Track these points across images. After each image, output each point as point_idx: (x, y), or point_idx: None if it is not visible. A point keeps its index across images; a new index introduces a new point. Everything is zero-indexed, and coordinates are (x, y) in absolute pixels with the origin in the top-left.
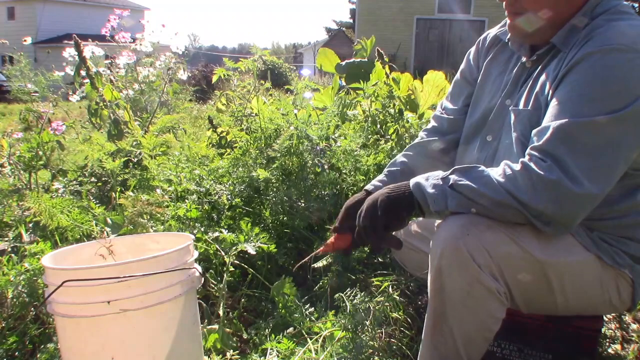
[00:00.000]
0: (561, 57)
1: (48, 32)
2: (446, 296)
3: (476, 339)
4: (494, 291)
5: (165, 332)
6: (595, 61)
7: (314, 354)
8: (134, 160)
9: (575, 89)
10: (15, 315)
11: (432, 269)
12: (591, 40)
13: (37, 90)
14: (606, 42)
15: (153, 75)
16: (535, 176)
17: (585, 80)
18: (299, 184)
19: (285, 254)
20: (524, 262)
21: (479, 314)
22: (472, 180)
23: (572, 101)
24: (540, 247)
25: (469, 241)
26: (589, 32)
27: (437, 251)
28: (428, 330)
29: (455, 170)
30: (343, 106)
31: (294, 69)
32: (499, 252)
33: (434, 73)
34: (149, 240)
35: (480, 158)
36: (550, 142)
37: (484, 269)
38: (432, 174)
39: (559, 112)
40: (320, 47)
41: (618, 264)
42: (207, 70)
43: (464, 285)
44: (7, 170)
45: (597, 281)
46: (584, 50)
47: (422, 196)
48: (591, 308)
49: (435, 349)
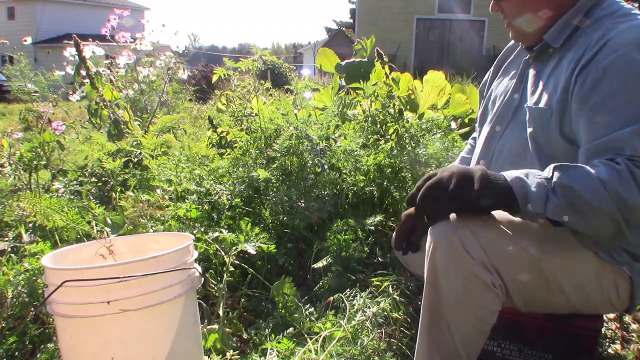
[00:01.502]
0: (571, 57)
1: (48, 32)
2: (441, 289)
3: (473, 333)
4: (489, 284)
5: (165, 332)
6: (626, 61)
7: (314, 354)
8: (134, 160)
9: (621, 92)
10: (15, 315)
11: (427, 262)
12: (610, 42)
13: (37, 90)
14: (626, 39)
15: (153, 75)
16: (638, 174)
17: (627, 83)
18: (299, 184)
19: (285, 254)
20: (519, 258)
21: (474, 307)
22: (574, 180)
23: (623, 110)
24: (536, 242)
25: (463, 235)
26: (602, 36)
27: (431, 245)
28: (424, 323)
29: (556, 167)
30: (343, 106)
31: (294, 69)
32: (494, 246)
33: (434, 73)
34: (149, 240)
35: (490, 147)
36: (634, 148)
37: (478, 263)
38: (531, 171)
39: (618, 122)
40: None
41: (616, 262)
42: (207, 70)
43: (459, 279)
44: (8, 170)
45: (595, 279)
46: (607, 54)
47: (523, 193)
48: (591, 307)
49: (432, 342)
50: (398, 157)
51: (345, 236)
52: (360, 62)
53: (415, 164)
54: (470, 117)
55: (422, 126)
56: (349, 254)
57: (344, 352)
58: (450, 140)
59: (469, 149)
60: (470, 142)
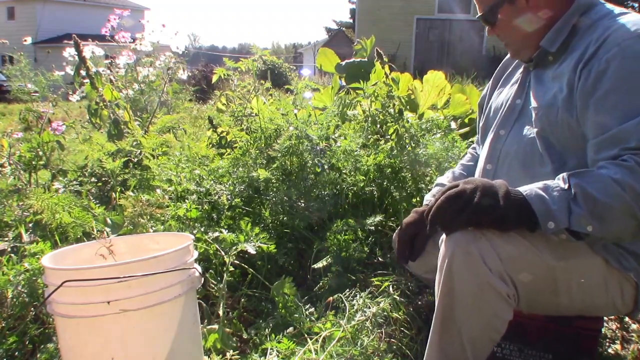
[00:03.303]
0: (572, 58)
1: (48, 32)
2: (456, 298)
3: (483, 341)
4: (504, 294)
5: (165, 332)
6: (629, 53)
7: (314, 354)
8: (134, 160)
9: (625, 84)
10: (15, 315)
11: (443, 270)
12: (611, 37)
13: (37, 90)
14: (627, 33)
15: (153, 75)
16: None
17: (631, 73)
18: (299, 184)
19: (285, 254)
20: (534, 266)
21: (487, 316)
22: (591, 185)
23: (628, 101)
24: (550, 250)
25: (480, 244)
26: (602, 33)
27: (448, 253)
28: (436, 330)
29: (571, 176)
30: (343, 106)
31: (294, 69)
32: (511, 256)
33: (434, 73)
34: (149, 241)
35: (495, 149)
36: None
37: (494, 273)
38: (547, 184)
39: (623, 114)
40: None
41: (623, 267)
42: (207, 70)
43: (474, 288)
44: (7, 170)
45: (602, 283)
46: (609, 48)
47: (545, 210)
48: (594, 309)
49: (442, 350)
50: (398, 157)
51: (345, 236)
52: (360, 62)
53: (415, 164)
54: (470, 117)
55: (422, 126)
56: (349, 254)
57: (344, 353)
58: (450, 141)
59: (470, 158)
60: (471, 152)
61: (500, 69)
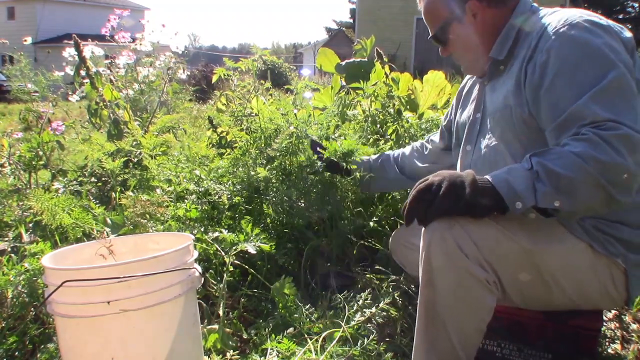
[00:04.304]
0: (518, 60)
1: (48, 32)
2: (437, 288)
3: (469, 330)
4: (483, 281)
5: (165, 332)
6: (565, 39)
7: (314, 354)
8: (133, 160)
9: (568, 67)
10: (15, 315)
11: (422, 262)
12: (547, 30)
13: (37, 90)
14: (559, 23)
15: (153, 75)
16: (607, 136)
17: (570, 55)
18: (299, 184)
19: (285, 254)
20: (513, 252)
21: (470, 304)
22: (553, 162)
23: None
24: (527, 235)
25: (454, 231)
26: (539, 30)
27: (425, 242)
28: (421, 323)
29: (532, 155)
30: (343, 106)
31: (294, 69)
32: (487, 242)
33: (434, 73)
34: (149, 241)
35: (465, 165)
36: (594, 114)
37: (471, 259)
38: (511, 167)
39: (573, 94)
40: (320, 47)
41: (610, 253)
42: (207, 70)
43: (453, 277)
44: (7, 170)
45: (590, 271)
46: (547, 39)
47: (510, 191)
48: (589, 301)
49: (429, 342)
50: None
51: (345, 236)
52: (360, 62)
53: None
54: None
55: (421, 126)
56: (349, 254)
57: (344, 353)
58: None
59: (418, 147)
60: (416, 145)
61: (460, 89)
